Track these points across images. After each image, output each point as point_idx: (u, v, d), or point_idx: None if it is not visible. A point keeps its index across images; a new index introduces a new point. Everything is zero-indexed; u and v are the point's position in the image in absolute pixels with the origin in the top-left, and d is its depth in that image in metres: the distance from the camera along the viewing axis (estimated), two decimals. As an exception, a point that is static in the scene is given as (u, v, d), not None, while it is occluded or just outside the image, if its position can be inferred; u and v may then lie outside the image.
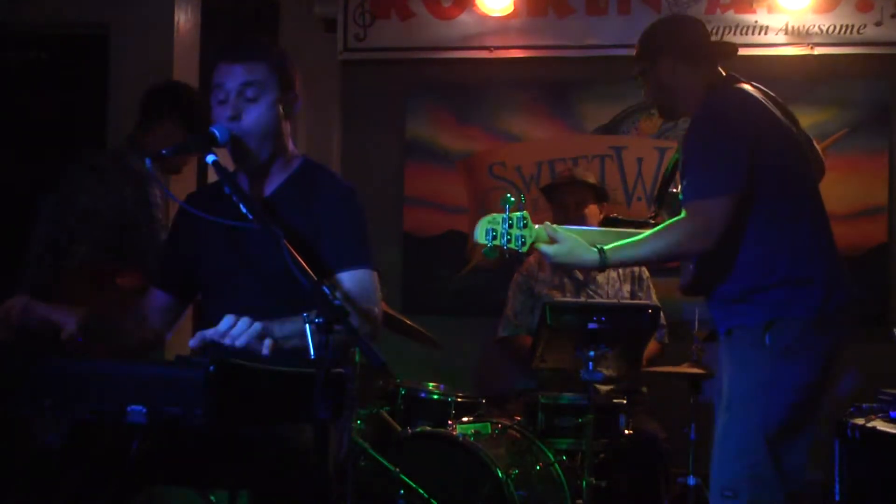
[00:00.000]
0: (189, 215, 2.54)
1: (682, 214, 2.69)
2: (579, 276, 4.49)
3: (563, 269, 2.73)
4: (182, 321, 2.77)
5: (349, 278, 2.51)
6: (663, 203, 3.04)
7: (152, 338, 2.68)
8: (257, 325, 2.22)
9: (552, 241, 2.71)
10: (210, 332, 2.22)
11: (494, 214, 2.70)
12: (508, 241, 2.69)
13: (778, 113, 2.84)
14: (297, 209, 2.55)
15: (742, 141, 2.71)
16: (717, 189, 2.67)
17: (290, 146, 2.64)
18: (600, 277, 4.49)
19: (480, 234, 2.69)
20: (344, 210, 2.58)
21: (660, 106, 3.01)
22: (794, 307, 2.68)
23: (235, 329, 2.21)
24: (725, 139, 2.72)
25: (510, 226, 2.69)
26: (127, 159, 3.56)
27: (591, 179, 4.58)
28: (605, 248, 2.69)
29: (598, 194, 4.52)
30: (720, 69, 2.93)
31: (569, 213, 4.46)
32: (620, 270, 4.52)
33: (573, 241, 2.71)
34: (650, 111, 5.24)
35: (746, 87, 2.86)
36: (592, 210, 4.47)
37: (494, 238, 2.68)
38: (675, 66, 2.91)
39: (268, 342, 2.22)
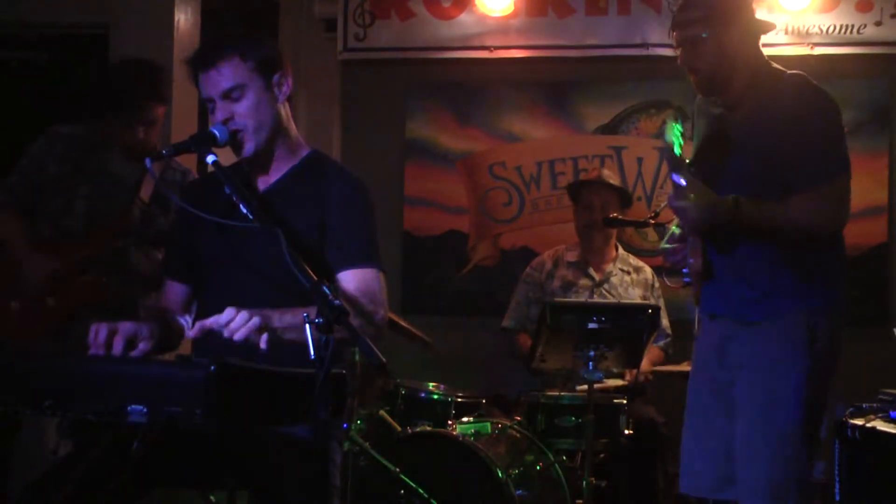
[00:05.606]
0: (188, 204, 2.50)
1: (815, 191, 2.61)
2: (595, 275, 4.47)
3: (694, 214, 2.61)
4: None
5: (354, 276, 2.49)
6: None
7: (180, 332, 2.61)
8: (256, 320, 2.19)
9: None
10: (210, 322, 2.20)
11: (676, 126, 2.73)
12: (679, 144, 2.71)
13: None
14: (301, 201, 2.53)
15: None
16: (845, 167, 2.65)
17: (294, 130, 2.60)
18: (614, 279, 4.47)
19: (673, 132, 2.70)
20: (353, 205, 2.57)
21: (712, 75, 2.77)
22: (830, 306, 2.68)
23: (235, 322, 2.18)
24: (838, 120, 2.71)
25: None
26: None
27: (617, 183, 4.55)
28: (741, 198, 2.59)
29: (624, 199, 4.45)
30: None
31: (593, 215, 4.42)
32: (634, 275, 4.50)
33: (703, 185, 2.63)
34: (648, 113, 5.24)
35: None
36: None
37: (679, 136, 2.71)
38: (742, 37, 2.75)
39: (265, 336, 2.19)
